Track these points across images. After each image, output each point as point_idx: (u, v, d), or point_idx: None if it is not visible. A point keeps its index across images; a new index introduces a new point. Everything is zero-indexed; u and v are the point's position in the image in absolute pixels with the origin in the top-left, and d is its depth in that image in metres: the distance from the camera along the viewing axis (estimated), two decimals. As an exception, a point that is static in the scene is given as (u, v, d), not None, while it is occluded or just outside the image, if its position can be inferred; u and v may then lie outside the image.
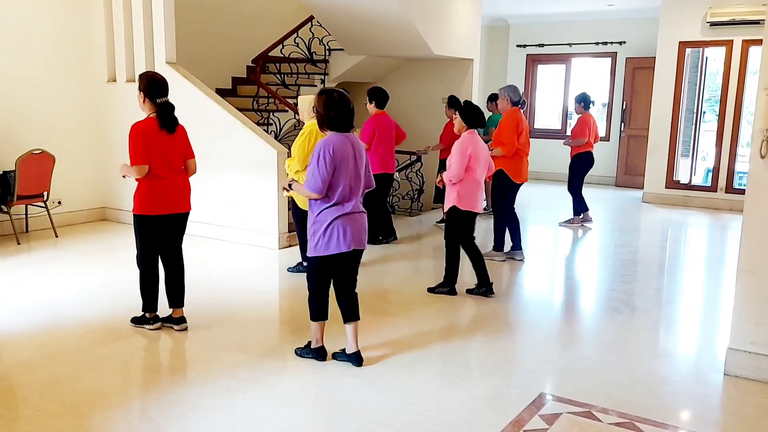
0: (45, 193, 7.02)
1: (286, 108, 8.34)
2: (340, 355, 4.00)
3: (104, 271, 5.93)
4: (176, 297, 4.49)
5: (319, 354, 4.01)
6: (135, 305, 4.98)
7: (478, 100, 10.42)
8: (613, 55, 12.09)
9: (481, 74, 12.01)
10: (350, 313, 3.97)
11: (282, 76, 9.12)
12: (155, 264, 4.42)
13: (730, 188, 9.80)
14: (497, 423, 3.27)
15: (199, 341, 4.34)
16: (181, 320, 4.49)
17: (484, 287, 5.34)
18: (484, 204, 6.01)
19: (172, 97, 7.21)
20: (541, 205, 9.95)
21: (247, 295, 5.39)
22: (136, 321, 4.53)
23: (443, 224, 8.00)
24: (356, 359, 3.94)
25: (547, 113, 13.25)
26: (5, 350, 4.14)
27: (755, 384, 3.75)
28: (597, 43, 12.15)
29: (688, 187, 10.23)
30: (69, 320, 4.68)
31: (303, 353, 4.05)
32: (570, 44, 12.39)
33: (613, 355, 4.27)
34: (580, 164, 8.17)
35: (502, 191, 6.32)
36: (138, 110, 7.52)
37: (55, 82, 7.59)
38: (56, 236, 7.15)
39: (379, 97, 6.87)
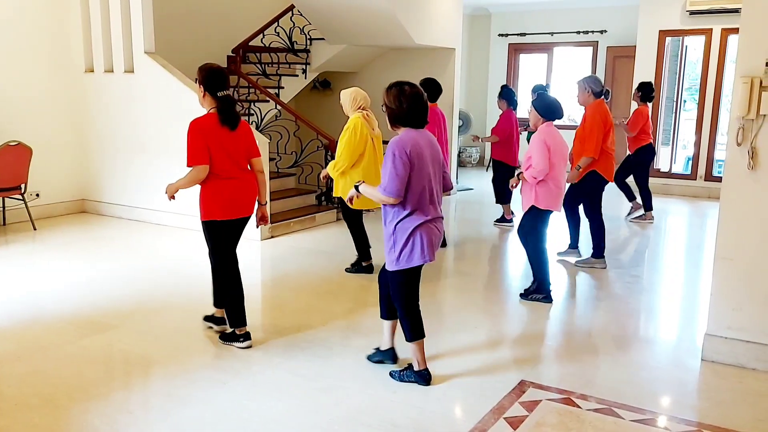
0: (22, 186, 6.93)
1: (267, 98, 8.29)
2: (408, 374, 3.61)
3: (84, 264, 5.88)
4: (221, 296, 4.19)
5: (423, 378, 3.56)
6: (116, 297, 4.96)
7: (461, 89, 10.45)
8: (595, 44, 12.13)
9: (463, 64, 12.01)
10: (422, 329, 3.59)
11: (263, 66, 9.05)
12: (237, 272, 4.07)
13: (709, 176, 9.89)
14: (478, 411, 3.29)
15: (180, 332, 4.31)
16: (221, 321, 4.22)
17: (543, 293, 4.99)
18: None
19: (150, 88, 7.24)
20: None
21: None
22: (226, 338, 4.11)
23: (503, 224, 7.72)
24: (424, 378, 3.57)
25: (529, 103, 13.26)
26: (-17, 344, 4.09)
27: (731, 369, 3.80)
28: (578, 32, 12.18)
29: (669, 175, 10.31)
30: (48, 313, 4.63)
31: (403, 377, 3.60)
32: (551, 33, 12.41)
33: (593, 342, 4.32)
34: (644, 157, 7.92)
35: (594, 193, 5.81)
36: (106, 98, 7.58)
37: (32, 73, 7.47)
38: (34, 229, 7.06)
39: (431, 88, 6.30)
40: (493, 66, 13.07)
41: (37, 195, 7.52)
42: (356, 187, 3.59)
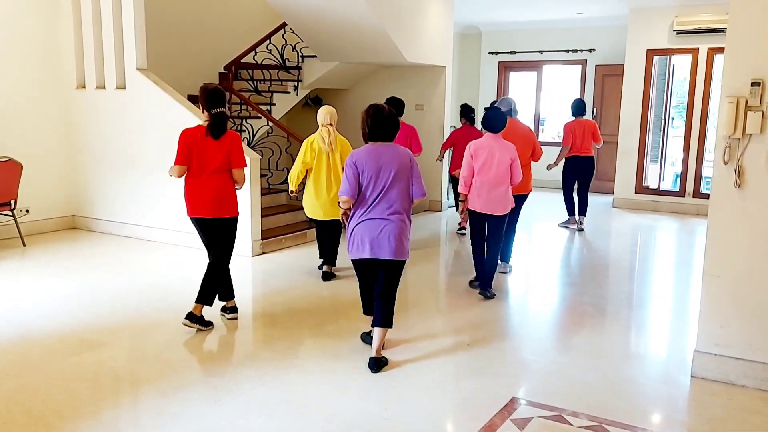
0: (12, 202, 6.90)
1: (259, 115, 8.31)
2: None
3: (73, 280, 5.85)
4: (203, 293, 4.60)
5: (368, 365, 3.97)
6: (106, 314, 4.93)
7: (452, 106, 10.51)
8: (583, 63, 12.27)
9: (454, 81, 12.11)
10: (378, 319, 3.98)
11: (255, 82, 9.10)
12: (210, 262, 4.63)
13: (697, 193, 9.98)
14: (469, 428, 3.29)
15: (171, 350, 4.30)
16: (191, 316, 4.54)
17: (477, 281, 5.68)
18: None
19: (142, 105, 7.25)
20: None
21: (220, 303, 5.34)
22: (230, 311, 4.88)
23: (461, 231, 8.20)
24: (374, 364, 3.93)
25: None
26: (-29, 362, 4.06)
27: (720, 385, 3.82)
28: (567, 51, 12.32)
29: (657, 192, 10.41)
30: (37, 330, 4.60)
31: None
32: (541, 52, 12.55)
33: (583, 358, 4.33)
34: (565, 169, 8.54)
35: None
36: (98, 114, 7.63)
37: (23, 89, 7.47)
38: (24, 245, 7.03)
39: (392, 106, 6.67)
40: (484, 83, 13.18)
41: (27, 211, 7.49)
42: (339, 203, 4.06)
